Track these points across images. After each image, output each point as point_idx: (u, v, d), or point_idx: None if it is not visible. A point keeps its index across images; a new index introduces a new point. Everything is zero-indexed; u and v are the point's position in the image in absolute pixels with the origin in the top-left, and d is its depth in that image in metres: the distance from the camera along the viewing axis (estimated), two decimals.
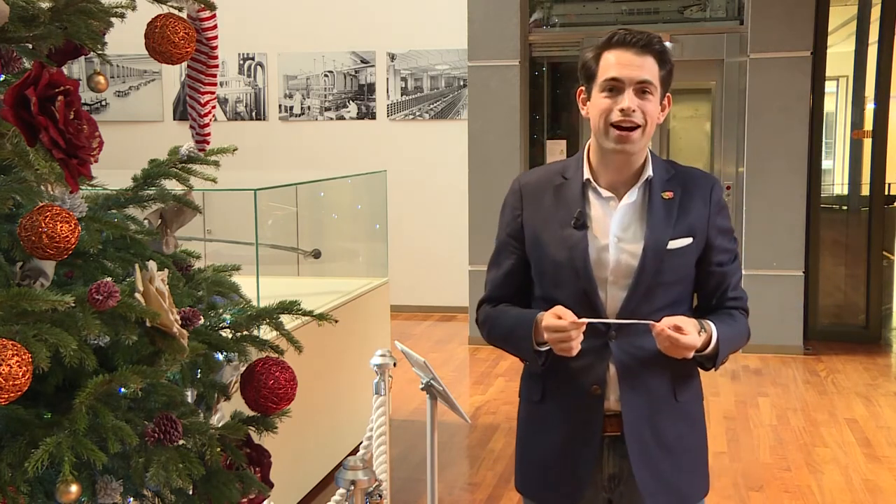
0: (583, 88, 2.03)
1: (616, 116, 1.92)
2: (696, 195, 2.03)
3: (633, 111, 1.91)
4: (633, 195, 2.01)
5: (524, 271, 2.10)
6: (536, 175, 2.13)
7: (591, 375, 2.00)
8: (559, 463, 2.07)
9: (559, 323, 1.90)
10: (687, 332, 1.89)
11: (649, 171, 2.01)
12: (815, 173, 6.99)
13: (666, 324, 1.90)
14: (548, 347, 1.98)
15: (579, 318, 1.91)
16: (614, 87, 1.93)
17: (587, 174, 2.03)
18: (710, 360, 2.01)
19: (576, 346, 1.91)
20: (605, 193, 2.02)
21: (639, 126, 1.93)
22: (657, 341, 1.92)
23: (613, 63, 1.94)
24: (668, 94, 2.01)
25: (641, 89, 1.93)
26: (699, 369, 2.09)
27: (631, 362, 1.99)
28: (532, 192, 2.09)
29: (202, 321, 1.79)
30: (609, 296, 1.99)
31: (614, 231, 2.00)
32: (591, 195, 2.03)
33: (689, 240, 2.01)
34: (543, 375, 2.06)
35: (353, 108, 8.49)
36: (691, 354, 1.92)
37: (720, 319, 2.03)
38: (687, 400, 2.07)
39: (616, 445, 2.03)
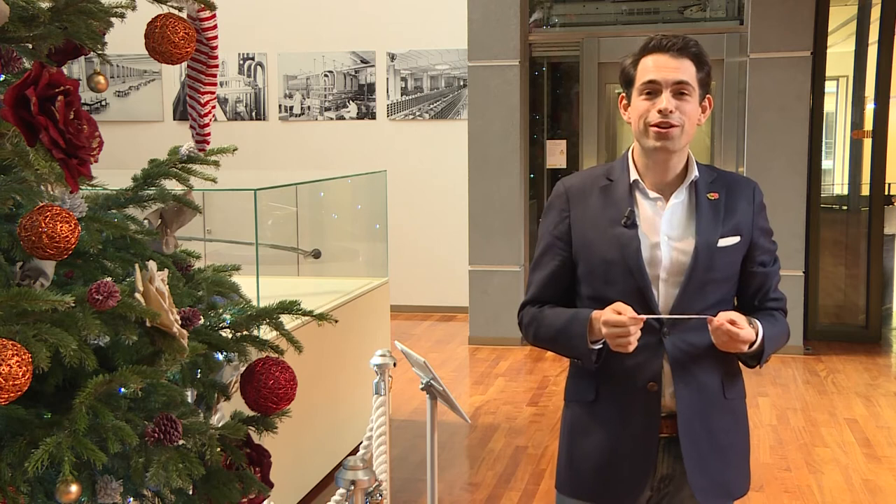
0: (623, 95, 2.08)
1: (654, 118, 1.97)
2: (740, 196, 2.08)
3: (671, 112, 1.96)
4: (680, 195, 2.06)
5: (569, 273, 2.12)
6: (580, 178, 2.17)
7: (647, 372, 2.03)
8: (616, 465, 2.08)
9: (619, 318, 1.92)
10: (742, 325, 1.93)
11: (695, 173, 2.06)
12: (815, 173, 6.98)
13: (723, 318, 1.93)
14: (600, 346, 2.00)
15: (637, 315, 1.93)
16: (652, 90, 1.98)
17: (634, 175, 2.07)
18: (754, 357, 2.04)
19: (633, 343, 1.92)
20: (652, 194, 2.06)
21: (677, 126, 1.97)
22: (714, 336, 1.95)
23: (651, 67, 1.99)
24: (708, 95, 2.05)
25: (679, 90, 1.97)
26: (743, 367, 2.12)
27: (684, 358, 2.02)
28: (577, 193, 2.12)
29: (202, 321, 1.79)
30: (661, 293, 2.02)
31: (665, 230, 2.03)
32: (638, 195, 2.07)
33: (737, 238, 2.05)
34: (597, 375, 2.08)
35: (353, 108, 8.49)
36: (746, 348, 1.96)
37: (763, 319, 2.05)
38: (733, 397, 2.12)
39: (671, 447, 2.05)
